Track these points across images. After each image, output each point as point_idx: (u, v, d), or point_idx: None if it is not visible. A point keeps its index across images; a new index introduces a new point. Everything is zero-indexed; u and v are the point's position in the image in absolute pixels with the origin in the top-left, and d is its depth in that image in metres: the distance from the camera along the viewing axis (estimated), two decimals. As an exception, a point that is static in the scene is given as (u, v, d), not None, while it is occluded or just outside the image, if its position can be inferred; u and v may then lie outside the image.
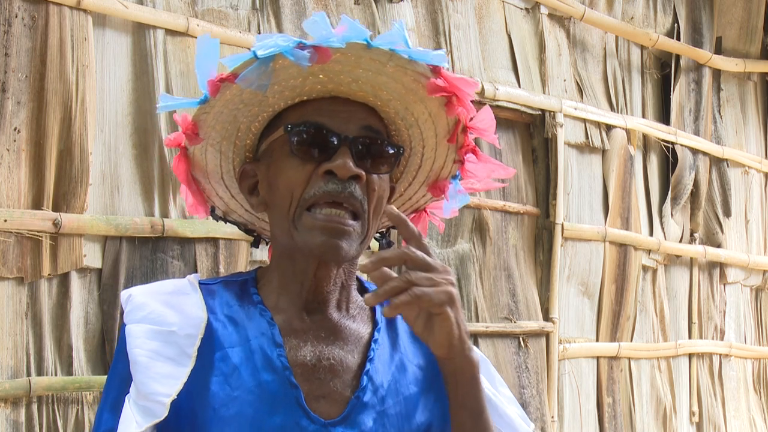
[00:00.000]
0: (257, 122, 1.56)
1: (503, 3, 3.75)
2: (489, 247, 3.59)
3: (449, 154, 1.63)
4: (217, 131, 1.55)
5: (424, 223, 1.73)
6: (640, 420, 4.24)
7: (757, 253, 5.02)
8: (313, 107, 1.51)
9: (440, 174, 1.66)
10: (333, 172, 1.46)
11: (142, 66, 2.61)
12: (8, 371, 2.32)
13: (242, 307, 1.53)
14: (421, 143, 1.61)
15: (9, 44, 2.34)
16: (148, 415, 1.41)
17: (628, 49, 4.33)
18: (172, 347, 1.46)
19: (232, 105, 1.52)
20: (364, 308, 1.59)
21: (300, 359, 1.48)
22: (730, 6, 4.85)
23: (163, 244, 2.60)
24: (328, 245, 1.46)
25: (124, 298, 1.52)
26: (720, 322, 4.81)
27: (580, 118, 3.96)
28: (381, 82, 1.50)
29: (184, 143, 1.57)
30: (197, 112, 1.53)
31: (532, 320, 3.72)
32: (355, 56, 1.47)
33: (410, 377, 1.55)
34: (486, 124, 1.60)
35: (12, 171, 2.34)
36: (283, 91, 1.50)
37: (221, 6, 2.81)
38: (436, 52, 1.50)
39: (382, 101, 1.54)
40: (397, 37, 1.48)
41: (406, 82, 1.51)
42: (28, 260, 2.36)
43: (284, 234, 1.51)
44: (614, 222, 4.13)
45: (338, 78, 1.50)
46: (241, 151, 1.60)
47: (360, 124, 1.51)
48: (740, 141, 4.98)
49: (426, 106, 1.55)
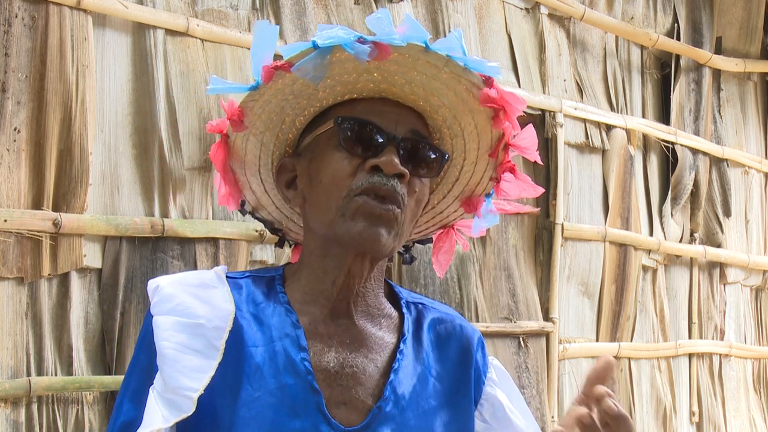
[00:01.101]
0: (303, 116, 1.56)
1: (503, 3, 3.75)
2: (489, 247, 3.59)
3: (487, 170, 1.64)
4: (262, 120, 1.55)
5: (451, 240, 1.73)
6: (640, 420, 4.24)
7: (757, 253, 5.02)
8: (362, 106, 1.52)
9: (475, 190, 1.66)
10: (379, 167, 1.47)
11: (142, 66, 2.61)
12: (8, 371, 2.32)
13: (268, 306, 1.52)
14: (463, 155, 1.61)
15: (9, 44, 2.34)
16: (175, 409, 1.40)
17: (628, 49, 4.32)
18: (200, 340, 1.45)
19: (282, 95, 1.51)
20: (391, 316, 1.59)
21: (323, 365, 1.48)
22: (730, 6, 4.85)
23: (163, 244, 2.60)
24: (369, 231, 1.47)
25: (151, 288, 1.51)
26: (720, 322, 4.80)
27: (580, 118, 3.96)
28: (434, 88, 1.51)
29: (226, 130, 1.57)
30: (245, 98, 1.52)
31: (532, 320, 3.72)
32: (412, 58, 1.47)
33: (430, 391, 1.55)
34: (528, 143, 1.61)
35: (12, 171, 2.34)
36: (335, 86, 1.50)
37: (221, 6, 2.81)
38: (491, 64, 1.52)
39: (431, 107, 1.55)
40: (455, 44, 1.48)
41: (459, 90, 1.52)
42: (28, 260, 2.36)
43: (324, 225, 1.51)
44: (614, 222, 4.13)
45: (392, 78, 1.50)
46: (282, 145, 1.59)
47: (408, 127, 1.52)
48: (740, 141, 4.98)
49: (474, 117, 1.56)
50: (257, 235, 2.77)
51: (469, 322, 1.70)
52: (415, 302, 1.64)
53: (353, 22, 3.14)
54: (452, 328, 1.63)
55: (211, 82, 1.56)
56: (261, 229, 2.77)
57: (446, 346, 1.61)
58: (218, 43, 2.76)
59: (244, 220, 2.76)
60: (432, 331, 1.61)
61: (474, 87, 1.51)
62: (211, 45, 2.75)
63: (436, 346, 1.59)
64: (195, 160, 2.68)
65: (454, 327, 1.63)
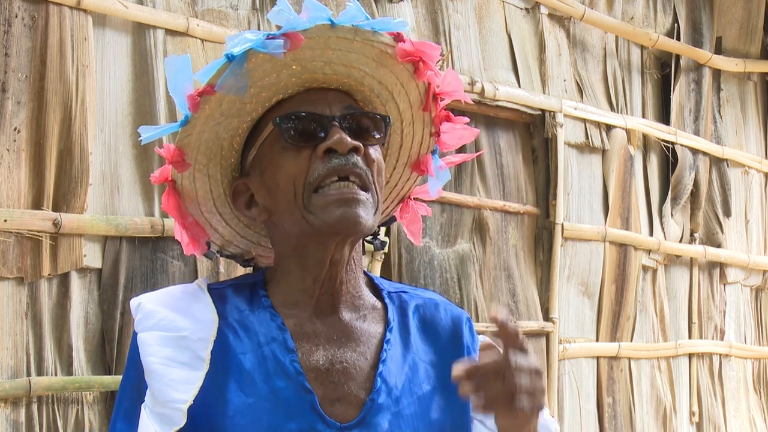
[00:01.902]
0: (239, 136, 1.56)
1: (503, 3, 3.75)
2: (489, 247, 3.59)
3: (426, 127, 1.65)
4: (202, 152, 1.55)
5: (413, 212, 1.73)
6: (640, 420, 4.24)
7: (757, 253, 5.02)
8: (291, 103, 1.53)
9: (420, 151, 1.67)
10: (332, 149, 1.48)
11: (142, 66, 2.61)
12: (8, 371, 2.32)
13: (252, 312, 1.52)
14: (399, 119, 1.63)
15: (9, 44, 2.34)
16: (166, 423, 1.41)
17: (628, 49, 4.33)
18: (186, 352, 1.46)
19: (213, 120, 1.51)
20: (376, 308, 1.59)
21: (313, 364, 1.48)
22: (730, 6, 4.85)
23: (163, 244, 2.60)
24: (347, 216, 1.46)
25: (133, 306, 1.52)
26: (720, 322, 4.80)
27: (580, 118, 3.96)
28: (351, 60, 1.52)
29: (171, 176, 1.57)
30: (180, 137, 1.52)
31: (532, 320, 3.72)
32: (323, 38, 1.48)
33: (423, 376, 1.55)
34: (453, 86, 1.63)
35: (12, 171, 2.34)
36: (259, 93, 1.51)
37: (221, 6, 2.81)
38: (396, 21, 1.54)
39: (356, 81, 1.56)
40: (356, 12, 1.50)
41: (375, 54, 1.53)
42: (28, 260, 2.36)
43: (297, 224, 1.51)
44: (614, 222, 4.13)
45: (311, 65, 1.51)
46: (228, 172, 1.59)
47: (342, 105, 1.53)
48: (740, 141, 4.98)
49: (397, 76, 1.57)
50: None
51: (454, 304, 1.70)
52: (397, 291, 1.64)
53: (353, 22, 3.14)
54: (438, 312, 1.63)
55: (142, 132, 1.57)
56: (261, 229, 2.77)
57: (434, 330, 1.61)
58: (218, 43, 2.76)
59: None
60: (417, 317, 1.61)
61: (388, 47, 1.53)
62: (211, 45, 2.75)
63: (422, 331, 1.60)
64: (195, 160, 2.68)
65: (439, 311, 1.64)
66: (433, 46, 1.57)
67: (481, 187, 3.59)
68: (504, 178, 3.69)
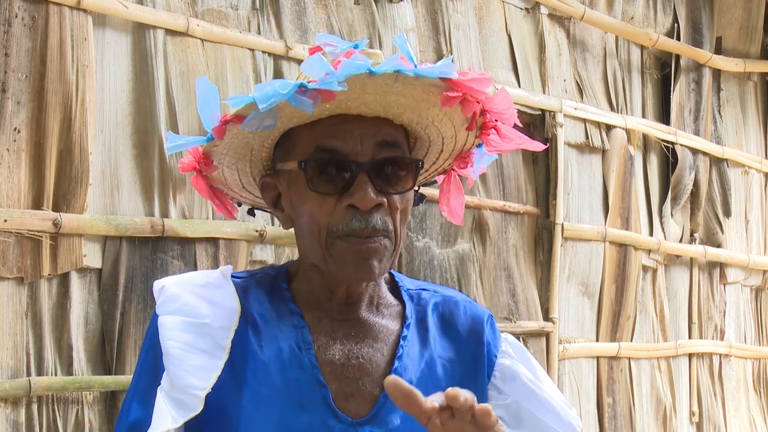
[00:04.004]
0: (269, 140, 1.54)
1: (503, 3, 3.75)
2: (489, 247, 3.59)
3: (469, 138, 1.60)
4: (230, 156, 1.55)
5: (456, 183, 1.68)
6: (640, 420, 4.24)
7: (757, 253, 5.02)
8: (324, 127, 1.48)
9: (464, 149, 1.63)
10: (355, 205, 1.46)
11: (142, 66, 2.61)
12: (8, 371, 2.32)
13: (273, 304, 1.53)
14: (440, 137, 1.59)
15: (9, 44, 2.34)
16: (183, 408, 1.41)
17: (628, 49, 4.32)
18: (206, 339, 1.46)
19: (242, 135, 1.50)
20: (394, 305, 1.59)
21: (329, 358, 1.49)
22: (730, 6, 4.85)
23: (163, 244, 2.60)
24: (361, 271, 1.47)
25: (156, 289, 1.52)
26: (720, 322, 4.80)
27: (580, 118, 3.96)
28: (390, 101, 1.47)
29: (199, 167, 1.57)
30: (207, 144, 1.52)
31: (532, 320, 3.72)
32: (359, 85, 1.42)
33: (440, 374, 1.55)
34: (503, 106, 1.55)
35: (12, 171, 2.34)
36: (291, 118, 1.47)
37: (221, 6, 2.81)
38: (442, 64, 1.46)
39: (393, 115, 1.51)
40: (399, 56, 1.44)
41: (416, 95, 1.48)
42: (28, 260, 2.36)
43: (316, 257, 1.51)
44: (614, 222, 4.13)
45: (346, 104, 1.46)
46: (258, 164, 1.58)
47: (374, 141, 1.48)
48: (740, 141, 4.98)
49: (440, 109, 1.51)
50: (257, 235, 2.77)
51: (475, 302, 1.69)
52: (417, 289, 1.64)
53: (353, 21, 3.14)
54: (458, 310, 1.62)
55: (169, 140, 1.56)
56: (261, 229, 2.77)
57: (453, 328, 1.60)
58: (218, 43, 2.76)
59: (245, 220, 2.76)
60: (437, 314, 1.60)
61: (432, 87, 1.46)
62: (211, 45, 2.75)
63: (442, 329, 1.59)
64: (195, 160, 2.68)
65: (459, 308, 1.62)
66: (482, 81, 1.48)
67: (481, 187, 3.59)
68: (504, 178, 3.69)
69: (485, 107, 1.54)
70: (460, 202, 1.68)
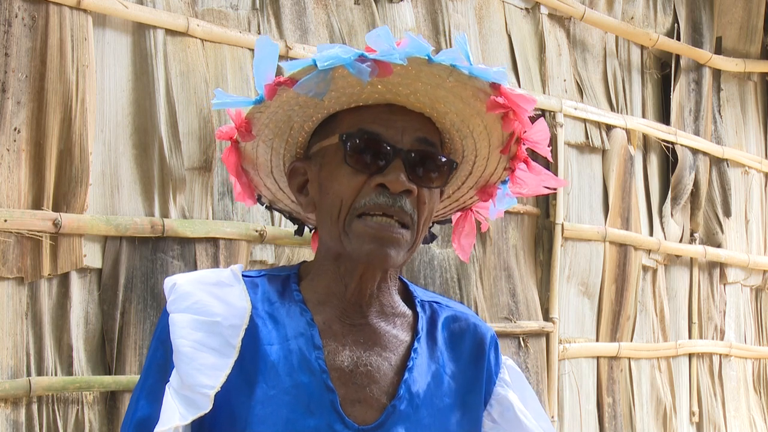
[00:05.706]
0: (311, 122, 1.56)
1: (503, 3, 3.75)
2: (489, 247, 3.59)
3: (500, 163, 1.63)
4: (270, 129, 1.56)
5: (471, 223, 1.72)
6: (640, 420, 4.24)
7: (757, 253, 5.02)
8: (369, 114, 1.51)
9: (490, 180, 1.66)
10: (385, 185, 1.47)
11: (142, 66, 2.61)
12: (8, 371, 2.32)
13: (283, 305, 1.53)
14: (474, 153, 1.61)
15: (9, 44, 2.34)
16: (192, 407, 1.42)
17: (628, 49, 4.32)
18: (217, 338, 1.46)
19: (288, 106, 1.52)
20: (406, 315, 1.60)
21: (338, 363, 1.49)
22: (730, 6, 4.85)
23: (163, 244, 2.60)
24: (377, 253, 1.47)
25: (167, 286, 1.52)
26: (720, 322, 4.80)
27: (580, 118, 3.96)
28: (439, 96, 1.50)
29: (235, 137, 1.57)
30: (251, 110, 1.53)
31: (532, 320, 3.72)
32: (415, 70, 1.46)
33: (445, 389, 1.56)
34: (540, 136, 1.61)
35: (12, 171, 2.34)
36: (339, 97, 1.50)
37: (221, 6, 2.81)
38: (497, 69, 1.50)
39: (438, 113, 1.54)
40: (459, 53, 1.47)
41: (465, 96, 1.51)
42: (28, 260, 2.36)
43: (333, 239, 1.52)
44: (614, 222, 4.13)
45: (396, 89, 1.49)
46: (292, 148, 1.60)
47: (415, 135, 1.51)
48: (740, 141, 4.98)
49: (483, 119, 1.55)
50: (257, 235, 2.77)
51: (483, 321, 1.70)
52: (429, 301, 1.65)
53: (353, 21, 3.14)
54: (466, 327, 1.64)
55: (216, 96, 1.57)
56: (261, 229, 2.77)
57: (460, 344, 1.62)
58: (218, 43, 2.76)
59: (245, 220, 2.76)
60: (446, 329, 1.62)
61: (480, 92, 1.50)
62: (211, 45, 2.75)
63: (450, 344, 1.60)
64: (195, 160, 2.68)
65: (468, 325, 1.64)
66: (528, 99, 1.53)
67: (481, 187, 3.59)
68: (504, 178, 3.69)
69: (521, 135, 1.58)
70: (470, 242, 1.73)
